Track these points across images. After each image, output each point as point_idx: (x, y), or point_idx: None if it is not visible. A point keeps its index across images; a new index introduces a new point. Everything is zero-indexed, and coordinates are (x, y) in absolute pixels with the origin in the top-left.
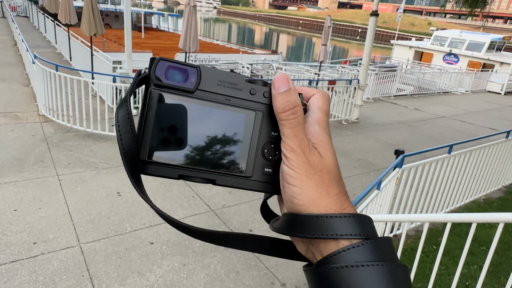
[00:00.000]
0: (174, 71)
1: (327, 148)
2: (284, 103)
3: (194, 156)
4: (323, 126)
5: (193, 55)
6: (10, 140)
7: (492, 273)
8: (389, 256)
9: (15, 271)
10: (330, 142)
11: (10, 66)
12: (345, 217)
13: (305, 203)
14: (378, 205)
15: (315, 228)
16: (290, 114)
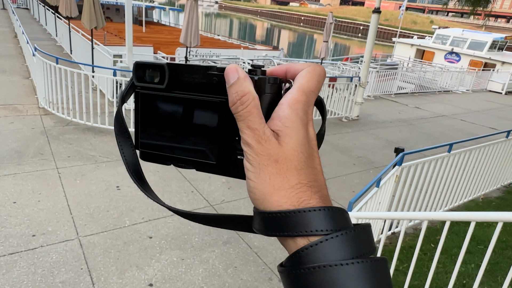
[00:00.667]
0: (149, 72)
1: (292, 134)
2: (233, 95)
3: (175, 145)
4: (295, 108)
5: (194, 50)
6: (10, 133)
7: (490, 272)
8: (367, 248)
9: (13, 263)
10: (299, 126)
11: (10, 58)
12: (300, 213)
13: (259, 197)
14: (377, 202)
15: (273, 225)
16: (239, 105)
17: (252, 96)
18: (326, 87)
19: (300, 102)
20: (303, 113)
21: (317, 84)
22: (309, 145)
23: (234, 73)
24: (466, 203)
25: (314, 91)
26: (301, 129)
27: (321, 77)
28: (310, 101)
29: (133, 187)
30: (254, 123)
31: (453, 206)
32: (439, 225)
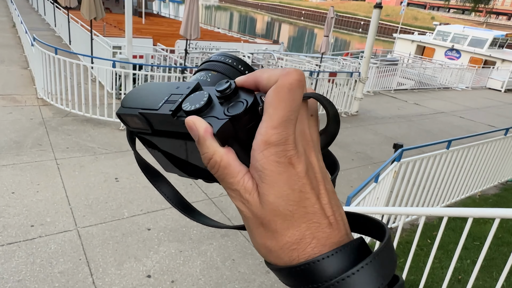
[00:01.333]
0: (133, 119)
1: (269, 190)
2: (202, 156)
3: (184, 168)
4: (268, 155)
5: (194, 43)
6: (8, 123)
7: (485, 268)
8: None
9: (12, 253)
10: (277, 176)
11: (9, 48)
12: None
13: (262, 254)
14: (375, 197)
15: (285, 278)
16: (210, 168)
17: (218, 158)
18: (326, 82)
19: (273, 144)
20: (279, 156)
21: (290, 105)
22: (297, 189)
23: (194, 131)
24: (463, 199)
25: (290, 117)
26: (280, 178)
27: (294, 92)
28: (287, 133)
29: (132, 179)
30: (232, 184)
31: (450, 202)
32: (435, 221)
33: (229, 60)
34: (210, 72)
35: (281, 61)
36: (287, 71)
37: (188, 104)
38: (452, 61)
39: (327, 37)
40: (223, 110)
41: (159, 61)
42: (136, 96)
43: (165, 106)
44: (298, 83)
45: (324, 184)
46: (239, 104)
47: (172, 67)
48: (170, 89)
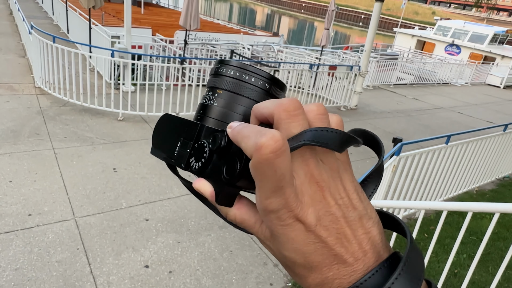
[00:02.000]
0: None
1: (280, 244)
2: None
3: None
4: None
5: (193, 33)
6: (5, 112)
7: (481, 263)
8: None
9: (9, 242)
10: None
11: (6, 36)
12: None
13: None
14: None
15: None
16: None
17: (232, 217)
18: (326, 75)
19: (271, 212)
20: (282, 219)
21: (275, 176)
22: (311, 241)
23: (204, 193)
24: (460, 194)
25: (280, 184)
26: (290, 237)
27: (274, 164)
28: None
29: (130, 170)
30: (253, 233)
31: (447, 197)
32: (432, 216)
33: (230, 71)
34: (217, 92)
35: (280, 53)
36: (259, 145)
37: (194, 160)
38: (452, 57)
39: (327, 30)
40: (221, 171)
41: (158, 51)
42: (160, 135)
43: (179, 155)
44: (275, 156)
45: (345, 218)
46: (233, 165)
47: (171, 57)
48: (181, 132)
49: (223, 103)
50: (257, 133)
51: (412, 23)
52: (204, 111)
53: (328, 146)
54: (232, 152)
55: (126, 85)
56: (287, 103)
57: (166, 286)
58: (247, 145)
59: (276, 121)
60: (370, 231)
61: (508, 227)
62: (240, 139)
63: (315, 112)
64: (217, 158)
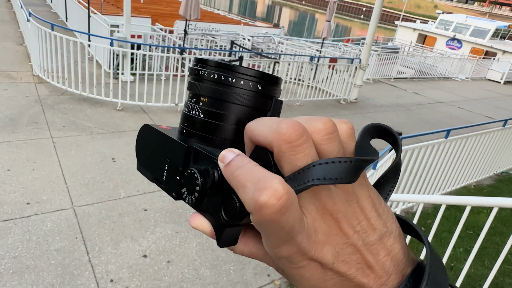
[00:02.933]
0: None
1: (294, 282)
2: None
3: None
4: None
5: (193, 24)
6: (3, 100)
7: (477, 257)
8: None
9: (8, 230)
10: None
11: (3, 23)
12: None
13: None
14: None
15: None
16: None
17: (239, 252)
18: (326, 68)
19: (282, 258)
20: (295, 263)
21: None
22: (328, 278)
23: (203, 232)
24: (458, 189)
25: (288, 236)
26: (304, 277)
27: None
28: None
29: (128, 159)
30: (265, 263)
31: (445, 191)
32: (430, 210)
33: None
34: (201, 99)
35: (281, 45)
36: (258, 203)
37: (186, 192)
38: (453, 51)
39: (328, 22)
40: (219, 208)
41: (157, 41)
42: (145, 151)
43: (168, 181)
44: (279, 215)
45: (366, 244)
46: (232, 204)
47: (170, 47)
48: (167, 151)
49: (210, 114)
50: (256, 183)
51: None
52: (189, 124)
53: (341, 181)
54: (228, 188)
55: (125, 74)
56: (287, 132)
57: (164, 275)
58: (244, 198)
59: (277, 154)
60: (392, 250)
61: (505, 222)
62: (235, 185)
63: (322, 133)
64: (213, 192)
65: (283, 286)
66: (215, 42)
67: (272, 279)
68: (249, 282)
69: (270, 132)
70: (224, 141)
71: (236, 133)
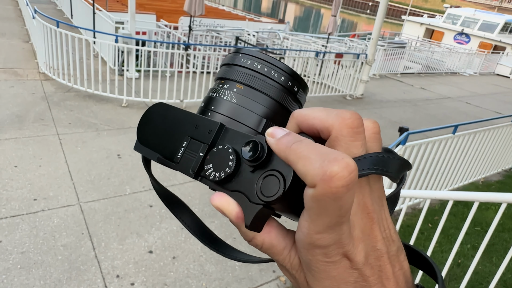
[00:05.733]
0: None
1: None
2: (241, 234)
3: None
4: (311, 251)
5: (198, 20)
6: (10, 97)
7: (485, 253)
8: None
9: (15, 225)
10: (324, 272)
11: (9, 20)
12: None
13: None
14: None
15: None
16: (254, 246)
17: (259, 242)
18: (332, 63)
19: (319, 247)
20: (329, 256)
21: (338, 212)
22: (352, 281)
23: (224, 214)
24: (466, 185)
25: (339, 221)
26: (330, 275)
27: (341, 200)
28: (337, 234)
29: (134, 156)
30: (279, 261)
31: (453, 187)
32: (437, 206)
33: (255, 64)
34: (236, 86)
35: (286, 40)
36: (329, 172)
37: (211, 168)
38: (461, 46)
39: (334, 17)
40: (254, 186)
41: (162, 37)
42: (152, 128)
43: (185, 158)
44: (346, 190)
45: (388, 253)
46: (274, 181)
47: (175, 43)
48: (188, 128)
49: (242, 101)
50: (323, 155)
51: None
52: (217, 107)
53: (393, 175)
54: (273, 167)
55: (130, 71)
56: (350, 117)
57: (170, 271)
58: (307, 169)
59: (335, 137)
60: (403, 265)
61: None
62: (294, 158)
63: (371, 130)
64: (249, 171)
65: (289, 282)
66: (220, 38)
67: (278, 275)
68: (254, 278)
69: (330, 116)
70: (250, 129)
71: (260, 124)
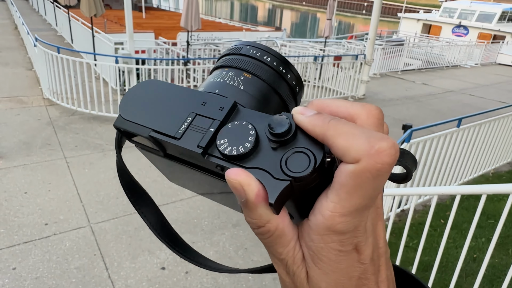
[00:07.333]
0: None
1: (321, 277)
2: (246, 219)
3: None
4: (330, 241)
5: (195, 34)
6: (17, 124)
7: (500, 245)
8: None
9: (28, 251)
10: (334, 265)
11: (12, 50)
12: None
13: None
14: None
15: None
16: (259, 235)
17: (273, 227)
18: (331, 66)
19: (337, 233)
20: (343, 245)
21: (372, 193)
22: (356, 276)
23: (239, 192)
24: (476, 178)
25: (368, 204)
26: (338, 267)
27: (381, 179)
28: (359, 220)
29: (141, 174)
30: (281, 254)
31: (462, 181)
32: (448, 201)
33: (265, 57)
34: (243, 74)
35: (284, 47)
36: (377, 147)
37: (226, 142)
38: (460, 38)
39: (330, 21)
40: (278, 163)
41: (161, 55)
42: (142, 104)
43: (189, 134)
44: (389, 167)
45: (386, 254)
46: (302, 158)
47: (174, 59)
48: (192, 104)
49: (251, 90)
50: (367, 132)
51: (416, 7)
52: (220, 90)
53: (411, 168)
54: (299, 144)
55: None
56: (376, 109)
57: (183, 286)
58: (351, 143)
59: (361, 125)
60: (392, 273)
61: None
62: (334, 133)
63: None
64: (270, 148)
65: None
66: (218, 50)
67: None
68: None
69: (355, 105)
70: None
71: None
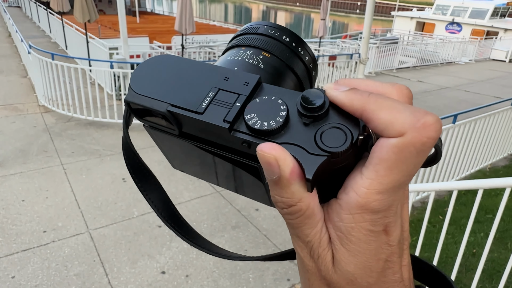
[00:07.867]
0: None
1: (349, 259)
2: (275, 198)
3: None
4: (361, 220)
5: (190, 37)
6: (12, 132)
7: (499, 240)
8: None
9: (27, 259)
10: (364, 246)
11: (6, 58)
12: None
13: None
14: None
15: None
16: (285, 214)
17: (304, 206)
18: (326, 66)
19: (370, 211)
20: (374, 225)
21: (412, 169)
22: (383, 258)
23: (272, 168)
24: (473, 173)
25: (405, 182)
26: (368, 248)
27: (424, 154)
28: (393, 199)
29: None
30: (307, 236)
31: (460, 177)
32: (446, 197)
33: (284, 37)
34: (262, 53)
35: None
36: (423, 121)
37: (256, 117)
38: (454, 35)
39: (324, 21)
40: (313, 138)
41: None
42: (157, 78)
43: (212, 109)
44: (433, 142)
45: (408, 239)
46: (338, 134)
47: None
48: (214, 79)
49: (270, 69)
50: (410, 107)
51: (409, 5)
52: (239, 68)
53: (440, 148)
54: (333, 120)
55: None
56: (405, 88)
57: None
58: (395, 116)
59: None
60: (409, 259)
61: None
62: (375, 107)
63: None
64: (302, 124)
65: None
66: (213, 53)
67: (293, 283)
68: None
69: (385, 85)
70: None
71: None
